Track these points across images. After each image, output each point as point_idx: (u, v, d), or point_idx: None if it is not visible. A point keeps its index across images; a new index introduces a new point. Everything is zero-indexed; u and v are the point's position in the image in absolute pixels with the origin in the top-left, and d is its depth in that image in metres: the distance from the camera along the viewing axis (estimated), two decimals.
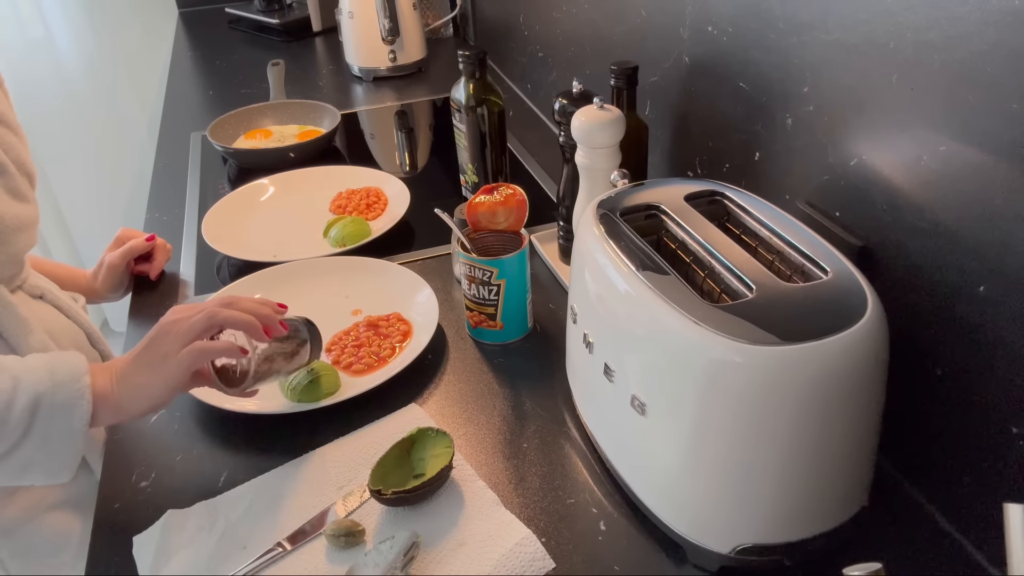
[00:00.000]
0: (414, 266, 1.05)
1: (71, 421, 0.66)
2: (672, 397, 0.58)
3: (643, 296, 0.59)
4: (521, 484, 0.73)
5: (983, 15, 0.53)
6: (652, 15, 1.00)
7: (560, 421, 0.79)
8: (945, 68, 0.57)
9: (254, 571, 0.65)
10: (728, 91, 0.86)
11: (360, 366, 0.87)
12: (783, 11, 0.74)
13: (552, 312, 0.96)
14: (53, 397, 0.66)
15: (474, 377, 0.86)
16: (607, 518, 0.69)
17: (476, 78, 1.09)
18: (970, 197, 0.57)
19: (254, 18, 2.13)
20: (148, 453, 0.78)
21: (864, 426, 0.58)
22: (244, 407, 0.80)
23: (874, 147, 0.66)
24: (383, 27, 1.69)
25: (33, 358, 0.69)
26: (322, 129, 1.44)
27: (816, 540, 0.60)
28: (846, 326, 0.54)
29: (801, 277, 0.62)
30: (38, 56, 2.25)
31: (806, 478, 0.57)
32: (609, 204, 0.71)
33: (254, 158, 1.36)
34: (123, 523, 0.71)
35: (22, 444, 0.65)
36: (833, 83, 0.70)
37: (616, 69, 0.90)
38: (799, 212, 0.76)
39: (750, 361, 0.53)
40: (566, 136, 0.91)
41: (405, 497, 0.68)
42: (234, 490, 0.73)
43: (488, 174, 1.16)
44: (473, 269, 0.85)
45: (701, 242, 0.65)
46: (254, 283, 0.99)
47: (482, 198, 0.86)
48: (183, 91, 1.79)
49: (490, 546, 0.65)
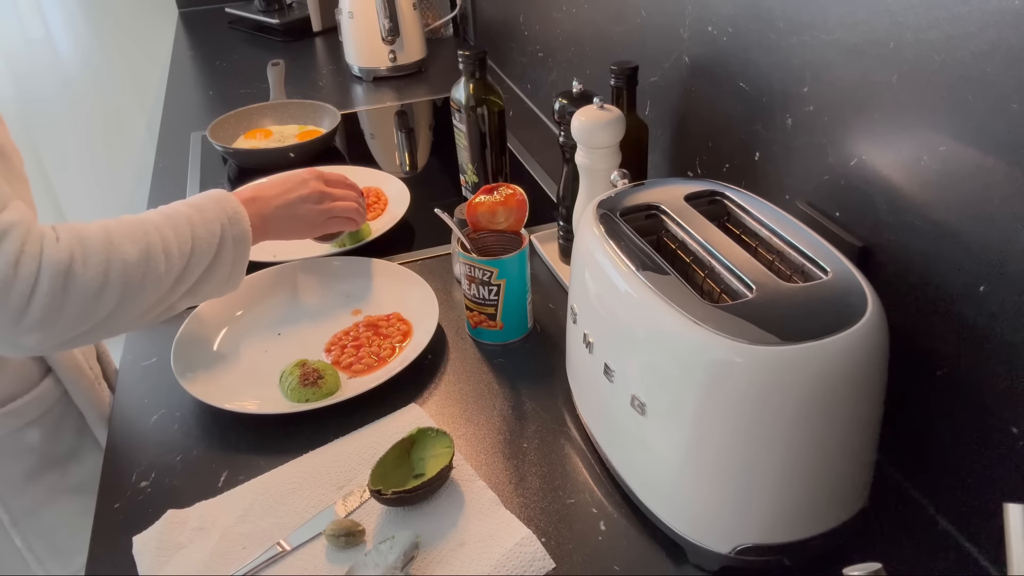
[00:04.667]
0: (414, 266, 1.05)
1: (243, 226, 0.82)
2: (672, 397, 0.58)
3: (643, 296, 0.59)
4: (521, 484, 0.73)
5: (983, 15, 0.53)
6: (652, 15, 1.00)
7: (560, 421, 0.79)
8: (945, 68, 0.57)
9: (254, 571, 0.65)
10: (728, 91, 0.86)
11: (360, 366, 0.87)
12: (783, 11, 0.74)
13: (552, 312, 0.96)
14: (231, 221, 0.81)
15: (474, 377, 0.86)
16: (607, 518, 0.69)
17: (476, 78, 1.09)
18: (970, 197, 0.57)
19: (254, 18, 2.13)
20: (148, 453, 0.78)
21: (864, 426, 0.58)
22: (244, 407, 0.80)
23: (874, 147, 0.66)
24: (383, 27, 1.69)
25: (185, 200, 0.82)
26: (322, 129, 1.44)
27: (816, 540, 0.60)
28: (846, 326, 0.54)
29: (801, 277, 0.62)
30: (38, 56, 2.25)
31: (806, 478, 0.57)
32: (609, 204, 0.71)
33: (254, 158, 1.36)
34: (123, 523, 0.71)
35: (224, 245, 0.79)
36: (833, 83, 0.70)
37: (616, 69, 0.90)
38: (799, 212, 0.76)
39: (750, 361, 0.53)
40: (566, 136, 0.91)
41: (405, 497, 0.68)
42: (234, 490, 0.73)
43: (488, 174, 1.16)
44: (473, 269, 0.85)
45: (701, 242, 0.65)
46: (254, 283, 0.99)
47: (482, 198, 0.86)
48: (183, 91, 1.79)
49: (490, 546, 0.65)
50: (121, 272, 0.70)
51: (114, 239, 0.71)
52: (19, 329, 0.66)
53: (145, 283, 0.72)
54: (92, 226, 0.71)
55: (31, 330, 0.66)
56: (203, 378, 0.85)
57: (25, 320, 0.66)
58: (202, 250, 0.77)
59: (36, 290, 0.65)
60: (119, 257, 0.70)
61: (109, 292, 0.69)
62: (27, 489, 0.86)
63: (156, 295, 0.74)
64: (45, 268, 0.65)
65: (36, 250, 0.66)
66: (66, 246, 0.67)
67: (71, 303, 0.67)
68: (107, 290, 0.69)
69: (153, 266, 0.72)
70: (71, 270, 0.67)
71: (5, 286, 0.64)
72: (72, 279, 0.67)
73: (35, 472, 0.86)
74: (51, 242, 0.67)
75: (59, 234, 0.68)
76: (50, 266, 0.66)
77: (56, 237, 0.68)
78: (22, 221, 0.66)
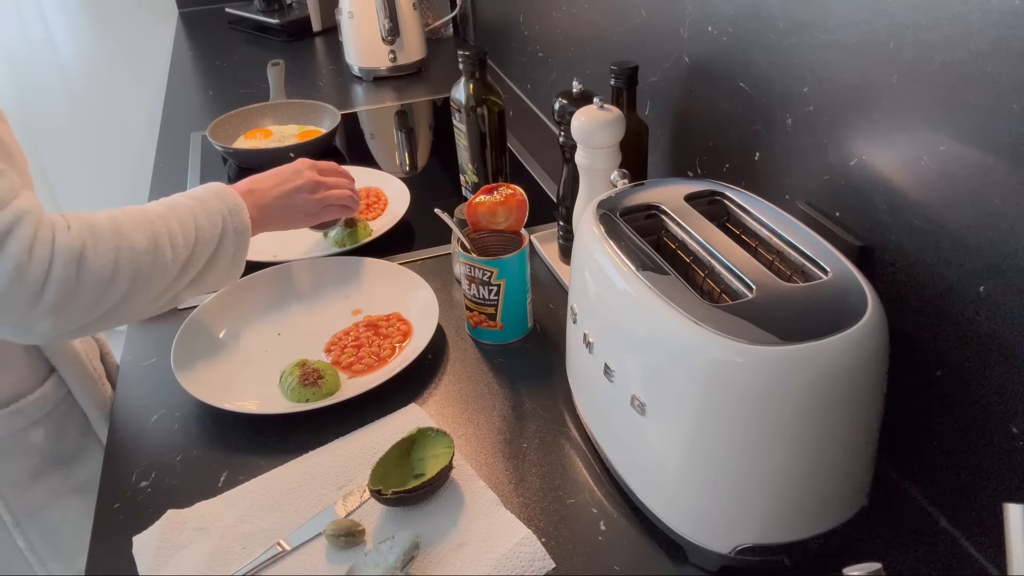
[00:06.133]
0: (414, 266, 1.05)
1: (243, 218, 0.83)
2: (672, 397, 0.58)
3: (643, 296, 0.59)
4: (521, 484, 0.73)
5: (983, 15, 0.53)
6: (652, 15, 1.00)
7: (560, 421, 0.79)
8: (945, 68, 0.57)
9: (254, 571, 0.65)
10: (728, 91, 0.86)
11: (360, 366, 0.87)
12: (783, 11, 0.74)
13: (552, 312, 0.96)
14: (231, 213, 0.82)
15: (474, 377, 0.86)
16: (607, 518, 0.69)
17: (476, 78, 1.09)
18: (970, 197, 0.57)
19: (254, 18, 2.13)
20: (148, 453, 0.78)
21: (864, 426, 0.58)
22: (244, 407, 0.80)
23: (874, 147, 0.66)
24: (383, 27, 1.69)
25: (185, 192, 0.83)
26: (322, 129, 1.44)
27: (816, 540, 0.60)
28: (846, 326, 0.54)
29: (801, 277, 0.62)
30: (38, 56, 2.25)
31: (806, 478, 0.57)
32: (609, 204, 0.71)
33: (254, 158, 1.36)
34: (123, 523, 0.71)
35: (226, 235, 0.81)
36: (833, 83, 0.70)
37: (616, 69, 0.90)
38: (799, 212, 0.76)
39: (750, 361, 0.53)
40: (566, 136, 0.91)
41: (405, 497, 0.68)
42: (234, 490, 0.73)
43: (488, 174, 1.16)
44: (473, 269, 0.85)
45: (701, 242, 0.65)
46: (254, 283, 0.99)
47: (482, 198, 0.86)
48: (183, 91, 1.79)
49: (490, 546, 0.65)
50: (131, 259, 0.71)
51: (122, 228, 0.72)
52: (34, 314, 0.67)
53: (154, 271, 0.73)
54: (99, 215, 0.72)
55: (45, 315, 0.68)
56: (203, 378, 0.85)
57: (40, 305, 0.67)
58: (205, 240, 0.79)
59: (50, 275, 0.66)
60: (128, 245, 0.72)
61: (120, 279, 0.71)
62: (31, 489, 0.86)
63: (163, 283, 0.75)
64: (58, 254, 0.67)
65: (48, 236, 0.67)
66: (77, 233, 0.69)
67: (84, 289, 0.68)
68: (118, 277, 0.71)
69: (161, 254, 0.74)
70: (83, 256, 0.68)
71: (20, 271, 0.65)
72: (85, 265, 0.68)
73: (39, 472, 0.86)
74: (63, 229, 0.68)
75: (69, 222, 0.69)
76: (63, 252, 0.67)
77: (67, 225, 0.69)
78: (33, 209, 0.67)
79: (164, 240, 0.75)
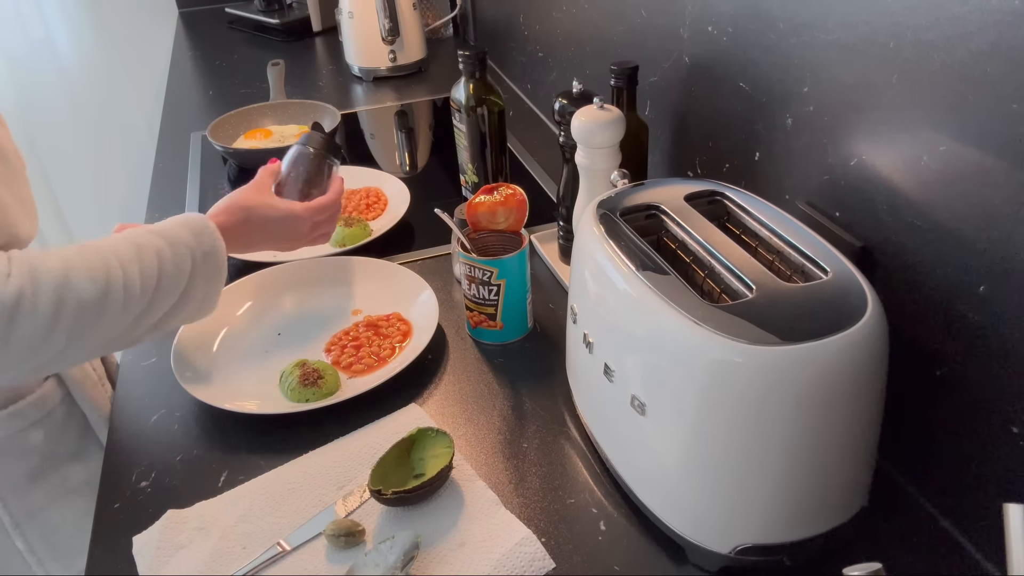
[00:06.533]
0: (414, 266, 1.05)
1: (216, 261, 0.79)
2: (672, 397, 0.58)
3: (643, 296, 0.59)
4: (521, 484, 0.73)
5: (983, 15, 0.53)
6: (652, 15, 1.00)
7: (560, 421, 0.79)
8: (945, 68, 0.57)
9: (254, 571, 0.65)
10: (728, 91, 0.86)
11: (360, 366, 0.87)
12: (783, 11, 0.74)
13: (552, 312, 0.96)
14: (204, 257, 0.78)
15: (474, 377, 0.86)
16: (607, 518, 0.69)
17: (476, 78, 1.09)
18: (970, 197, 0.57)
19: (254, 18, 2.13)
20: (148, 453, 0.78)
21: (864, 426, 0.58)
22: (244, 407, 0.80)
23: (874, 147, 0.66)
24: (383, 27, 1.69)
25: (163, 224, 0.79)
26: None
27: (816, 540, 0.60)
28: (846, 326, 0.54)
29: (801, 277, 0.62)
30: (38, 56, 2.25)
31: (806, 478, 0.57)
32: (609, 204, 0.71)
33: (254, 158, 1.36)
34: (123, 523, 0.71)
35: (193, 282, 0.76)
36: (833, 83, 0.70)
37: (616, 69, 0.90)
38: (799, 212, 0.76)
39: (750, 361, 0.53)
40: (566, 136, 0.91)
41: (405, 497, 0.68)
42: (234, 490, 0.73)
43: (488, 174, 1.16)
44: (473, 269, 0.85)
45: (701, 242, 0.65)
46: (254, 283, 0.99)
47: (482, 198, 0.86)
48: (183, 91, 1.79)
49: (490, 546, 0.65)
50: (74, 310, 0.67)
51: (72, 275, 0.68)
52: None
53: (101, 321, 0.69)
54: (51, 259, 0.68)
55: None
56: (203, 378, 0.85)
57: None
58: (168, 288, 0.74)
59: None
60: (73, 295, 0.67)
61: (60, 330, 0.67)
62: (30, 491, 0.86)
63: (115, 331, 0.71)
64: None
65: None
66: (16, 283, 0.65)
67: (15, 341, 0.65)
68: (58, 328, 0.67)
69: (111, 303, 0.69)
70: (18, 308, 0.64)
71: None
72: (18, 318, 0.64)
73: (38, 473, 0.86)
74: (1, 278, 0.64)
75: (12, 269, 0.65)
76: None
77: (8, 273, 0.65)
78: None
79: (118, 288, 0.70)
